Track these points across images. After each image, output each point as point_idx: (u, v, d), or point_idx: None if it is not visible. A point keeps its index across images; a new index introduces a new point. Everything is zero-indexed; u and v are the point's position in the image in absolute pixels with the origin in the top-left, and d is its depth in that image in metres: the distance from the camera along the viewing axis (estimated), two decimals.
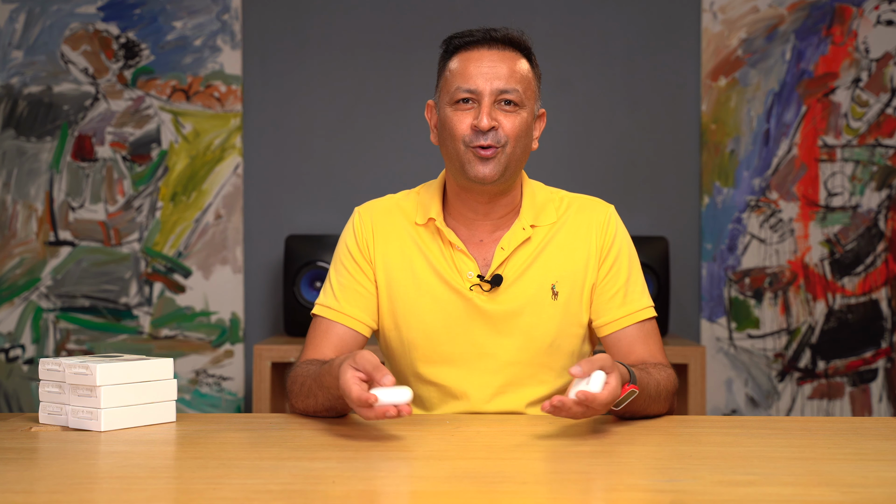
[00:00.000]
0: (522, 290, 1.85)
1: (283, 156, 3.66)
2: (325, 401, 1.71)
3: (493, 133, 1.78)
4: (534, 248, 1.87)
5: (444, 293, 1.85)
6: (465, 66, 1.80)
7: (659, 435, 1.62)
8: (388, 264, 1.89)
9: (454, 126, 1.80)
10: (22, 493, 1.25)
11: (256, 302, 3.65)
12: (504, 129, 1.78)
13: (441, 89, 1.85)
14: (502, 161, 1.79)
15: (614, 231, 1.89)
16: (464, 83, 1.79)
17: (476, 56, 1.80)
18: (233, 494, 1.24)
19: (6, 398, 3.63)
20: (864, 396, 3.61)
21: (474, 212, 1.87)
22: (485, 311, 1.85)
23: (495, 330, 1.85)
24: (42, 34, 3.61)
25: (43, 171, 3.61)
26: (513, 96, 1.79)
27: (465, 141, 1.79)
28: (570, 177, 3.59)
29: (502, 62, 1.80)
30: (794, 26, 3.61)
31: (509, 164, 1.80)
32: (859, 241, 3.61)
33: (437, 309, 1.85)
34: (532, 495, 1.25)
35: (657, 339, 1.89)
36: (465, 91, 1.79)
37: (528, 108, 1.82)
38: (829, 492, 1.25)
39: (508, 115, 1.79)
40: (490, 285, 1.84)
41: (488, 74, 1.79)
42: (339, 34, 3.65)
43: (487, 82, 1.78)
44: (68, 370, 1.63)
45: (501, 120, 1.79)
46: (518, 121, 1.80)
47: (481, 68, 1.79)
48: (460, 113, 1.80)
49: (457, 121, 1.79)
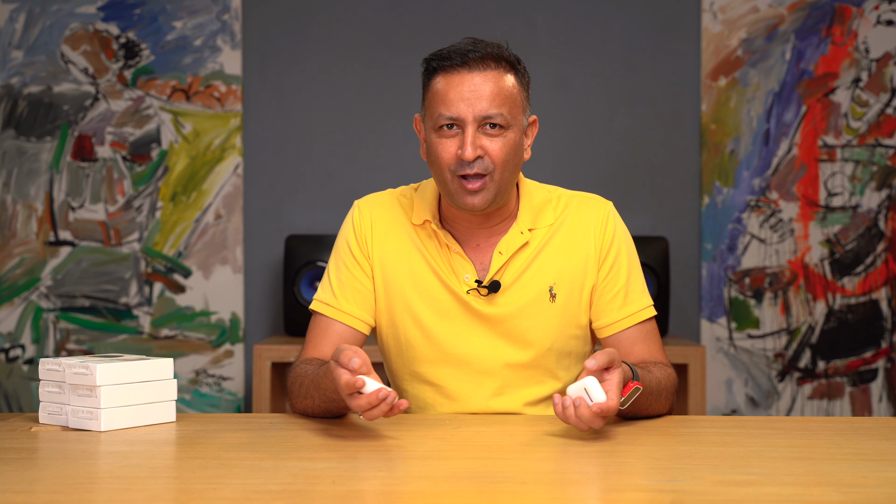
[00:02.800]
0: (520, 294, 1.84)
1: (283, 156, 3.66)
2: (321, 402, 1.71)
3: (479, 161, 1.73)
4: (532, 251, 1.86)
5: (441, 294, 1.85)
6: (447, 90, 1.73)
7: (659, 435, 1.62)
8: (386, 261, 1.87)
9: (439, 154, 1.75)
10: (22, 493, 1.25)
11: (256, 302, 3.65)
12: (490, 155, 1.74)
13: (425, 108, 1.80)
14: (491, 190, 1.76)
15: (613, 229, 1.87)
16: (446, 110, 1.73)
17: (457, 80, 1.73)
18: (233, 494, 1.24)
19: (6, 398, 3.63)
20: (864, 396, 3.61)
21: (468, 221, 1.86)
22: (482, 314, 1.84)
23: (493, 332, 1.84)
24: (42, 34, 3.61)
25: (43, 171, 3.61)
26: (497, 120, 1.73)
27: (451, 169, 1.75)
28: (570, 177, 3.59)
29: (485, 83, 1.73)
30: (794, 26, 3.61)
31: (499, 191, 1.77)
32: (859, 241, 3.61)
33: (434, 309, 1.85)
34: (532, 495, 1.25)
35: (657, 339, 1.88)
36: (448, 118, 1.73)
37: (515, 126, 1.76)
38: (829, 492, 1.25)
39: (494, 140, 1.73)
40: (488, 290, 1.84)
41: (470, 99, 1.72)
42: (338, 34, 3.65)
43: (470, 108, 1.72)
44: (68, 370, 1.63)
45: (487, 146, 1.73)
46: (504, 144, 1.74)
47: (462, 93, 1.72)
48: (445, 140, 1.74)
49: (442, 149, 1.75)
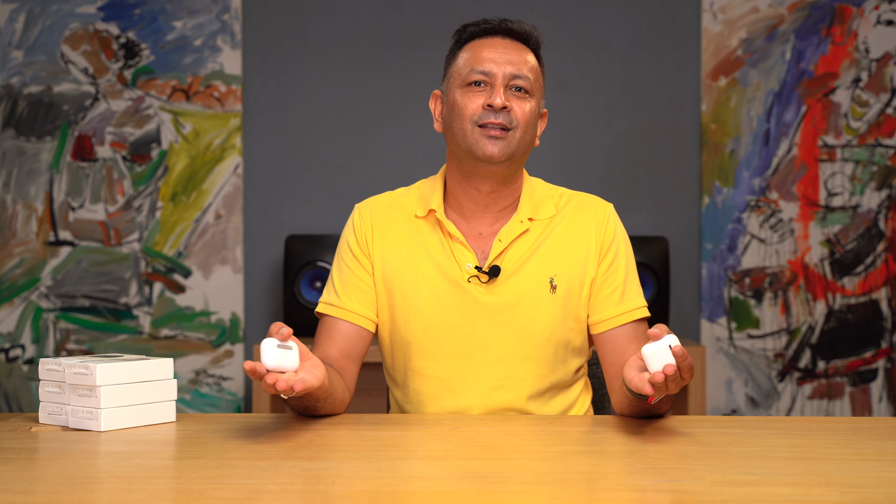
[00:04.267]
0: (520, 283, 1.85)
1: (283, 156, 3.66)
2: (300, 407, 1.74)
3: (504, 113, 1.81)
4: (532, 241, 1.87)
5: (442, 285, 1.86)
6: (479, 51, 1.84)
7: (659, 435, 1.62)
8: (386, 260, 1.89)
9: (464, 106, 1.82)
10: (22, 493, 1.25)
11: (256, 302, 3.65)
12: (515, 112, 1.81)
13: (451, 75, 1.87)
14: (512, 143, 1.81)
15: (613, 229, 1.90)
16: (478, 65, 1.82)
17: (490, 43, 1.85)
18: (233, 494, 1.24)
19: (6, 398, 3.63)
20: (864, 396, 3.61)
21: (475, 203, 1.88)
22: (483, 304, 1.85)
23: (493, 322, 1.85)
24: (42, 34, 3.61)
25: (43, 171, 3.61)
26: (524, 83, 1.83)
27: (473, 119, 1.81)
28: (570, 177, 3.59)
29: (516, 51, 1.85)
30: (794, 26, 3.61)
31: (517, 150, 1.83)
32: (859, 241, 3.61)
33: (434, 302, 1.86)
34: (532, 495, 1.25)
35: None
36: (479, 73, 1.82)
37: (536, 98, 1.85)
38: (829, 492, 1.25)
39: (520, 101, 1.82)
40: (488, 276, 1.84)
41: (501, 60, 1.83)
42: (339, 34, 3.65)
43: (501, 67, 1.82)
44: (68, 370, 1.63)
45: (513, 103, 1.82)
46: (528, 107, 1.83)
47: (495, 54, 1.83)
48: (471, 94, 1.82)
49: (468, 101, 1.82)
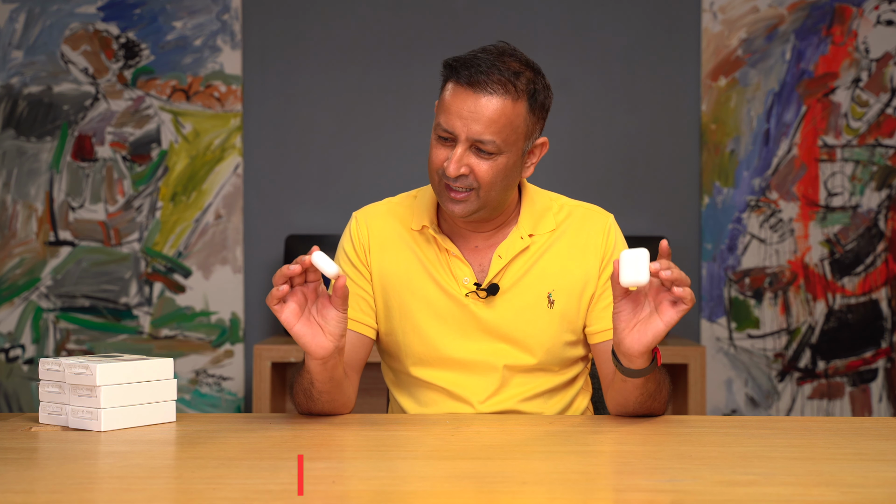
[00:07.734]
0: (519, 298, 1.85)
1: (283, 156, 3.66)
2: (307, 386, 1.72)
3: (462, 178, 1.75)
4: (531, 256, 1.87)
5: (439, 298, 1.86)
6: (450, 103, 1.75)
7: (659, 435, 1.62)
8: (384, 269, 1.89)
9: (434, 157, 1.78)
10: (22, 493, 1.25)
11: (256, 302, 3.65)
12: (476, 175, 1.75)
13: (436, 106, 1.81)
14: (474, 203, 1.78)
15: (614, 241, 1.90)
16: (444, 121, 1.75)
17: (461, 96, 1.74)
18: (233, 494, 1.24)
19: (6, 398, 3.63)
20: (864, 396, 3.61)
21: (465, 223, 1.87)
22: (480, 318, 1.85)
23: (490, 336, 1.85)
24: (42, 34, 3.61)
25: (43, 171, 3.61)
26: (488, 147, 1.73)
27: (439, 173, 1.78)
28: (571, 177, 3.59)
29: (487, 106, 1.72)
30: (794, 26, 3.61)
31: (484, 205, 1.79)
32: (859, 241, 3.61)
33: (432, 314, 1.86)
34: (532, 495, 1.25)
35: None
36: (444, 130, 1.75)
37: (510, 151, 1.76)
38: (829, 492, 1.25)
39: (483, 161, 1.75)
40: (486, 293, 1.84)
41: (467, 119, 1.73)
42: (339, 34, 3.65)
43: (464, 128, 1.73)
44: (68, 370, 1.63)
45: (475, 166, 1.75)
46: (493, 167, 1.75)
47: (462, 111, 1.73)
48: (440, 147, 1.77)
49: (437, 152, 1.78)
